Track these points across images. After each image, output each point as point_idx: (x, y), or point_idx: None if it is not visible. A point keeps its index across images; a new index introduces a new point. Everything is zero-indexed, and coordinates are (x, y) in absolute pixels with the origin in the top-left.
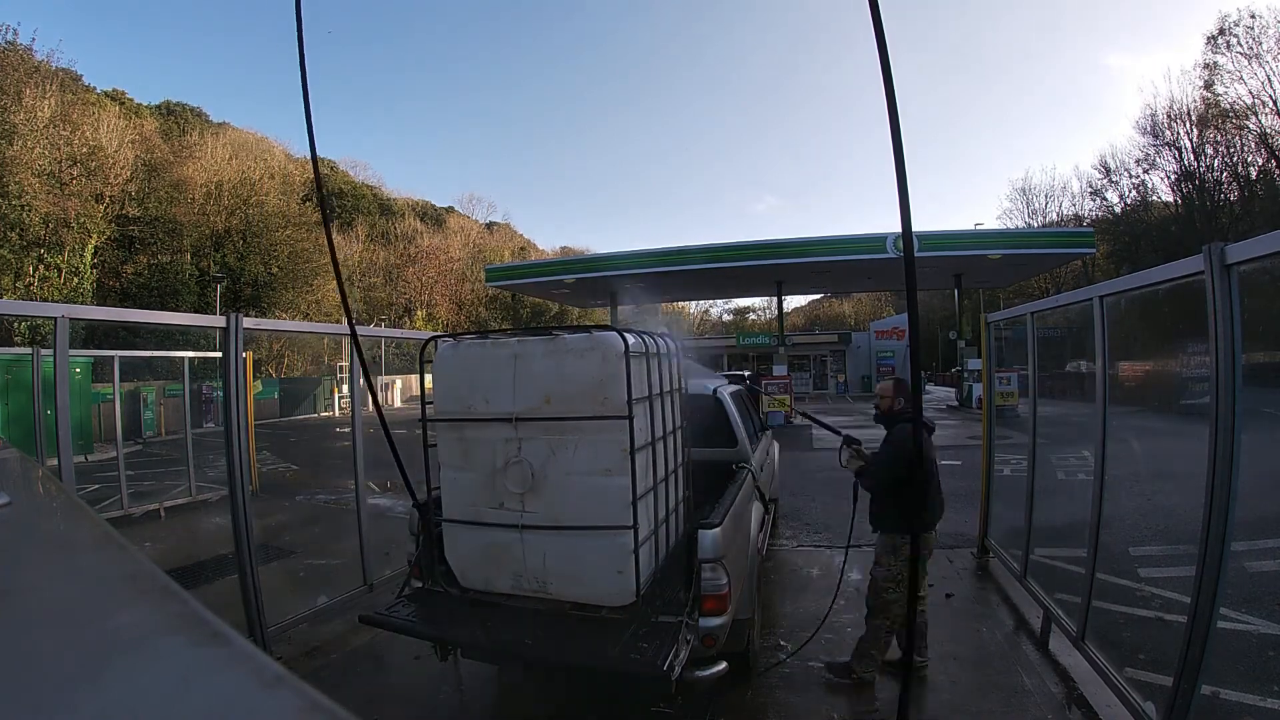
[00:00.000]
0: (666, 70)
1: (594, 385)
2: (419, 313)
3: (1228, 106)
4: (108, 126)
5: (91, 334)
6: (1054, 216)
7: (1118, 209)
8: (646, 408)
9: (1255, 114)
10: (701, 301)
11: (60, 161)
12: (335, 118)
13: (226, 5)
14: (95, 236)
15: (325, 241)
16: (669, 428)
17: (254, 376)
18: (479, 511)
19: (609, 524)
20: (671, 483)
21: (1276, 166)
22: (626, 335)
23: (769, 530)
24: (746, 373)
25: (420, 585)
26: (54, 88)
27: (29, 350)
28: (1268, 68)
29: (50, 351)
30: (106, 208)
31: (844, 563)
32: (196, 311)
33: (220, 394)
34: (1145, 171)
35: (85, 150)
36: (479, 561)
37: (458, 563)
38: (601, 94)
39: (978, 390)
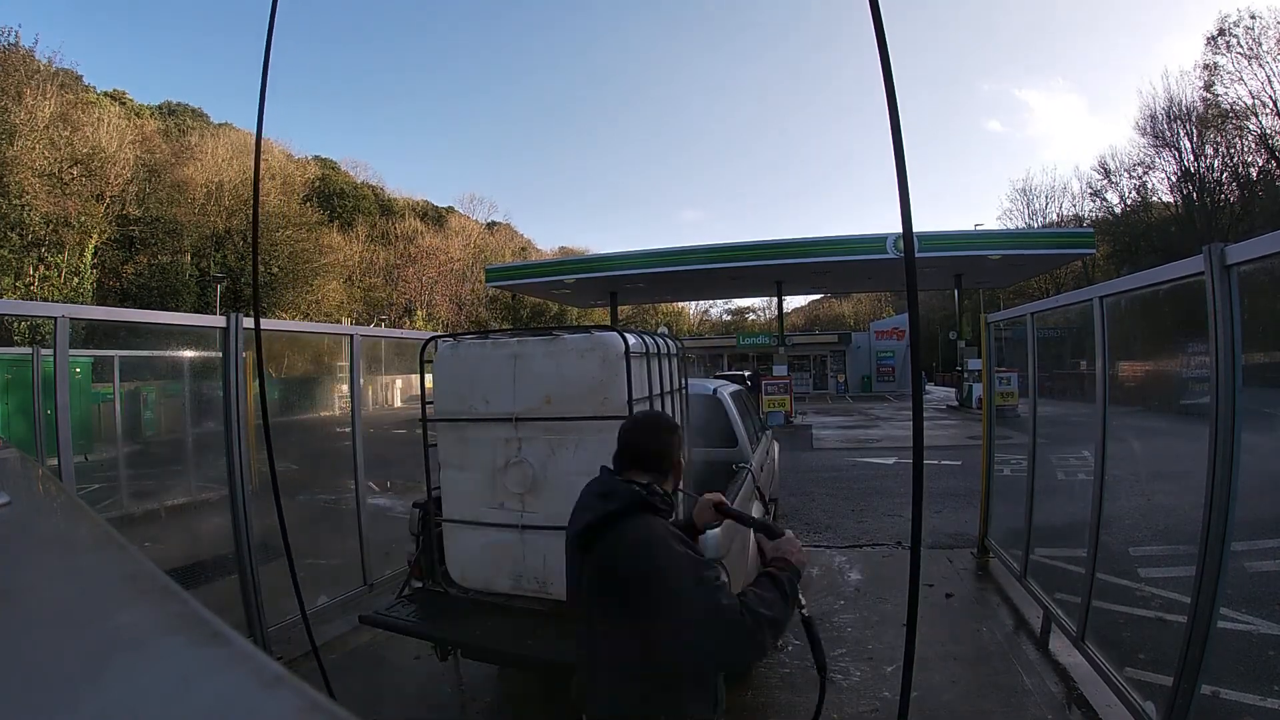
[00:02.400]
0: (667, 70)
1: (594, 385)
2: (419, 313)
3: (1228, 107)
4: (108, 127)
5: (92, 334)
6: (1054, 217)
7: (1118, 209)
8: (647, 408)
9: (1255, 114)
10: (701, 302)
11: (61, 161)
12: (336, 118)
13: (226, 5)
14: (95, 236)
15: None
16: None
17: (254, 376)
18: (479, 511)
19: None
20: None
21: (1277, 167)
22: (627, 335)
23: None
24: (746, 373)
25: (420, 585)
26: (54, 88)
27: (29, 350)
28: (1268, 68)
29: (50, 351)
30: (107, 208)
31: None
32: (196, 311)
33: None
34: (1145, 172)
35: (86, 150)
36: (479, 561)
37: (458, 563)
38: (602, 94)
39: (978, 390)
